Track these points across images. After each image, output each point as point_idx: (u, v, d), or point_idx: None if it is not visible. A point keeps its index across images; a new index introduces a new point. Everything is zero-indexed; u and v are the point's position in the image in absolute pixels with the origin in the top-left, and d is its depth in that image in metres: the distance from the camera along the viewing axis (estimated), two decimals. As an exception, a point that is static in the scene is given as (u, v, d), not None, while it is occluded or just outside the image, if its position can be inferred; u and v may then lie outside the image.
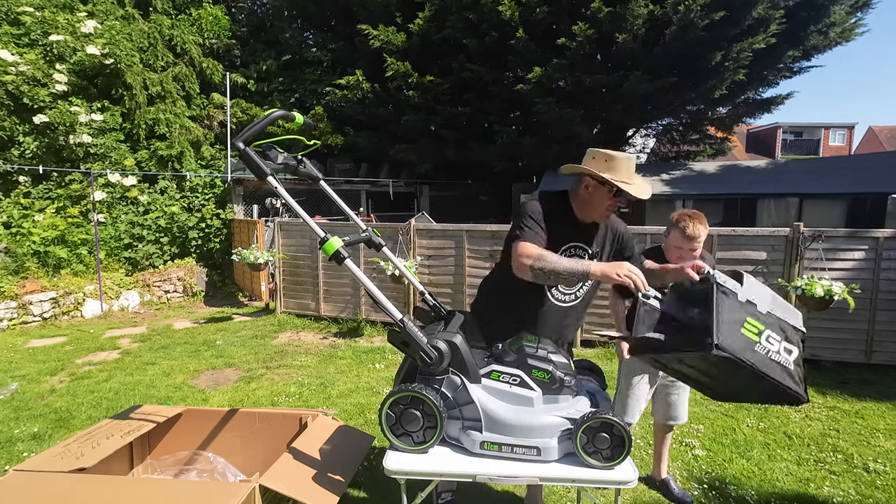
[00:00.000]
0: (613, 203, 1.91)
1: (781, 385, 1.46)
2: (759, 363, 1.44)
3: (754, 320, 1.49)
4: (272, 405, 3.79)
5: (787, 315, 1.55)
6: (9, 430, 3.36)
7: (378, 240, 1.95)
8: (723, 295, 1.51)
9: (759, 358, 1.45)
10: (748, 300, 1.52)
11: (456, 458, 1.59)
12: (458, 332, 1.68)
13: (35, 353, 5.21)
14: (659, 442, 2.70)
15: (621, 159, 1.87)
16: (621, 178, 1.86)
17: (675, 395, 2.57)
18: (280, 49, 12.00)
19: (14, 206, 7.48)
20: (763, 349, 1.46)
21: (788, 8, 8.70)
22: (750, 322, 1.48)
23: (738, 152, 24.45)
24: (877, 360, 4.55)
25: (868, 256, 4.51)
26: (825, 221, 8.46)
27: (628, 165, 1.87)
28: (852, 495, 2.64)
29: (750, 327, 1.48)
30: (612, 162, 1.86)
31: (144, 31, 9.44)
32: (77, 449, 1.94)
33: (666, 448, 2.69)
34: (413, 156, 11.29)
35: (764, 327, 1.49)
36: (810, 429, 3.43)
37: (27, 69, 7.60)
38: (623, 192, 1.84)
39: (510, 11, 8.70)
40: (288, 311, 6.68)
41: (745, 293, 1.53)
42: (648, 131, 13.51)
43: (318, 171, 2.06)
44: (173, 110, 9.40)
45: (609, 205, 1.92)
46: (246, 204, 9.69)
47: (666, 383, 2.57)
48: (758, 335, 1.47)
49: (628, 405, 2.59)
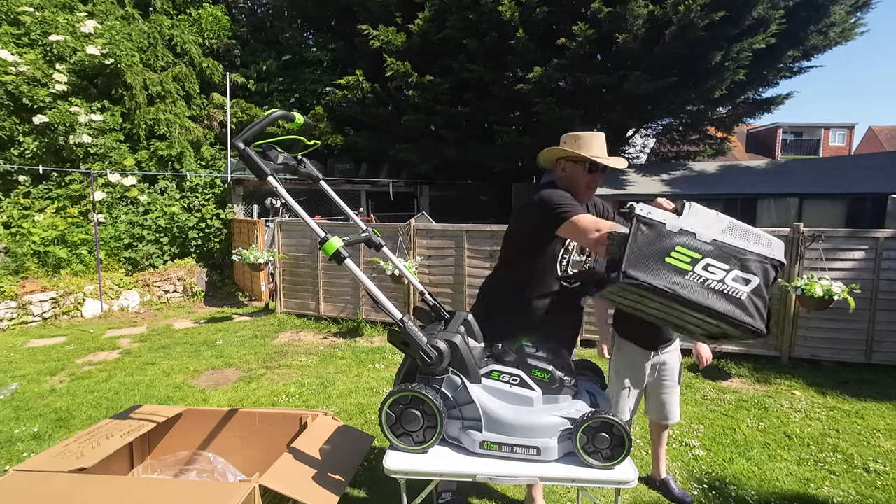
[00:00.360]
0: (591, 179, 1.98)
1: (725, 315, 1.41)
2: (688, 291, 1.40)
3: (686, 249, 1.44)
4: (272, 405, 3.79)
5: (749, 243, 1.46)
6: (9, 430, 3.36)
7: (378, 240, 1.95)
8: (643, 226, 1.47)
9: (689, 286, 1.41)
10: (682, 229, 1.46)
11: (456, 458, 1.59)
12: (457, 332, 1.68)
13: (35, 353, 5.22)
14: (655, 441, 2.70)
15: (588, 136, 1.96)
16: (592, 153, 1.95)
17: (665, 394, 2.56)
18: (280, 49, 12.01)
19: (14, 206, 7.48)
20: (697, 277, 1.42)
21: (788, 8, 8.69)
22: (680, 250, 1.43)
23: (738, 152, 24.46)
24: (877, 360, 4.55)
25: (868, 256, 4.51)
26: (825, 221, 8.47)
27: (598, 141, 1.96)
28: (852, 495, 2.64)
29: (679, 256, 1.43)
30: (580, 140, 1.96)
31: (144, 31, 9.45)
32: (77, 449, 1.94)
33: (662, 448, 2.69)
34: (413, 156, 11.29)
35: (701, 256, 1.43)
36: (810, 429, 3.43)
37: (27, 69, 7.60)
38: (598, 166, 1.93)
39: (510, 11, 8.70)
40: (288, 311, 6.68)
41: (681, 223, 1.47)
42: (648, 131, 13.51)
43: (318, 171, 2.06)
44: (173, 110, 9.40)
45: (587, 181, 1.98)
46: (246, 204, 9.69)
47: (656, 382, 2.56)
48: (690, 263, 1.42)
49: (617, 404, 2.59)
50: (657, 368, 2.53)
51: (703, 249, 1.44)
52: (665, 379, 2.54)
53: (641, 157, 16.04)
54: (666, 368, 2.53)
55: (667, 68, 8.76)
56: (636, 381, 2.53)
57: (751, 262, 1.45)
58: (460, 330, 1.73)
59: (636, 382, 2.53)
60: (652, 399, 2.61)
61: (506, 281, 2.10)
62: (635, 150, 15.48)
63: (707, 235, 1.46)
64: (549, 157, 2.06)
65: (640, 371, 2.52)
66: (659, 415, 2.60)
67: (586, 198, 2.04)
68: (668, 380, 2.54)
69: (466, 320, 1.87)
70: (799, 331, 4.71)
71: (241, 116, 10.44)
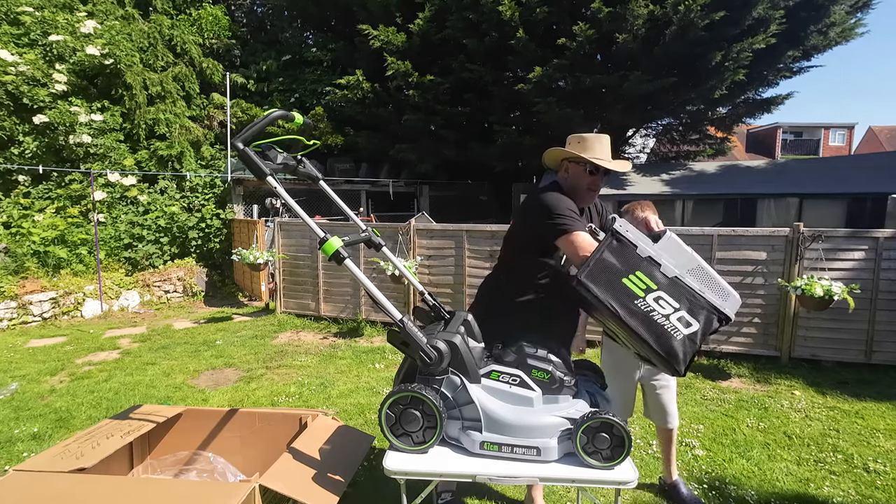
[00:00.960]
0: (592, 181, 1.99)
1: (651, 346, 1.45)
2: (629, 316, 1.44)
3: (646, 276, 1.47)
4: (272, 405, 3.79)
5: (708, 291, 1.48)
6: (9, 430, 3.36)
7: (378, 240, 1.95)
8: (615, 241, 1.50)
9: (634, 312, 1.45)
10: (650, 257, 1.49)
11: (456, 458, 1.59)
12: (457, 333, 1.68)
13: (35, 353, 5.22)
14: (663, 445, 2.63)
15: (592, 138, 1.98)
16: (595, 155, 1.96)
17: (660, 394, 2.51)
18: (280, 49, 12.01)
19: (14, 206, 7.48)
20: (645, 305, 1.45)
21: (788, 8, 8.69)
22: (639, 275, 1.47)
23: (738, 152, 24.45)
24: (877, 360, 4.55)
25: (868, 256, 4.51)
26: (825, 221, 8.46)
27: (601, 143, 1.98)
28: (852, 495, 2.64)
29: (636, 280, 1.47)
30: (584, 143, 1.99)
31: (144, 31, 9.44)
32: (77, 449, 1.94)
33: (671, 451, 2.61)
34: (413, 156, 11.29)
35: (656, 287, 1.46)
36: (810, 429, 3.43)
37: (27, 69, 7.60)
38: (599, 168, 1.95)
39: (510, 12, 8.70)
40: (288, 311, 6.68)
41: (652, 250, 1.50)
42: (648, 131, 13.51)
43: (317, 171, 2.06)
44: (173, 110, 9.40)
45: (589, 183, 2.00)
46: (246, 204, 9.69)
47: (649, 382, 2.52)
48: (644, 291, 1.46)
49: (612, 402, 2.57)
50: (647, 367, 2.46)
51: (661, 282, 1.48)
52: (657, 378, 2.50)
53: (641, 157, 16.04)
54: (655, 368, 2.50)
55: (667, 68, 8.76)
56: (625, 379, 2.51)
57: (699, 308, 1.48)
58: (460, 330, 1.73)
59: (625, 380, 2.51)
60: (649, 402, 2.56)
61: (505, 281, 2.10)
62: (635, 150, 15.47)
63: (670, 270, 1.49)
64: (554, 157, 2.08)
65: (627, 368, 2.49)
66: (658, 418, 2.56)
67: (588, 200, 2.04)
68: (660, 378, 2.50)
69: (466, 320, 1.87)
70: (799, 331, 4.70)
71: (241, 116, 10.44)
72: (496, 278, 2.19)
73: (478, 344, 1.84)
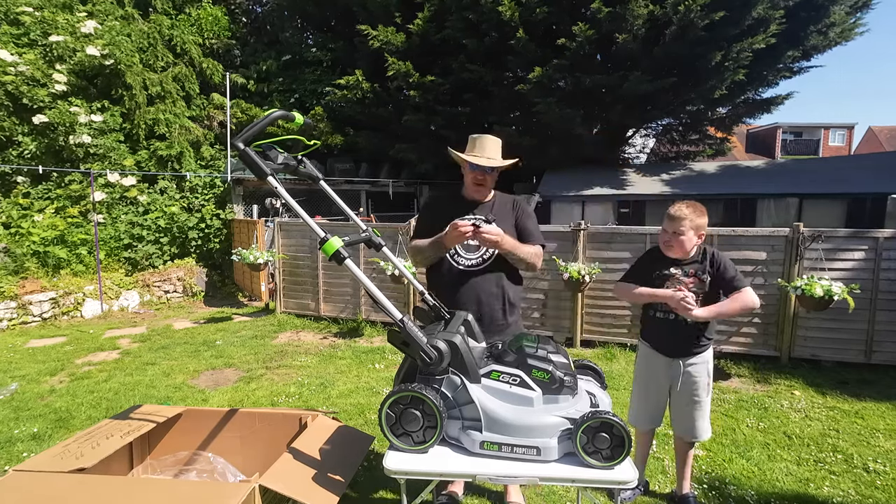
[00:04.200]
0: (472, 176, 2.22)
1: None
2: None
3: None
4: (272, 405, 3.79)
5: None
6: (9, 431, 3.36)
7: (378, 240, 1.95)
8: None
9: None
10: None
11: (456, 458, 1.59)
12: (457, 332, 1.68)
13: (35, 353, 5.21)
14: (680, 458, 2.52)
15: (477, 139, 2.24)
16: (472, 153, 2.21)
17: (693, 409, 2.38)
18: (280, 49, 12.01)
19: (13, 206, 7.48)
20: None
21: (788, 8, 8.70)
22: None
23: (737, 152, 24.45)
24: (877, 360, 4.55)
25: (868, 256, 4.51)
26: (825, 221, 8.47)
27: (481, 143, 2.22)
28: (852, 495, 2.64)
29: None
30: (471, 143, 2.26)
31: (144, 31, 9.44)
32: (77, 449, 1.94)
33: (688, 466, 2.51)
34: (413, 156, 11.29)
35: None
36: (810, 429, 3.43)
37: (27, 69, 7.59)
38: (478, 165, 2.17)
39: (510, 12, 8.70)
40: (288, 311, 6.68)
41: None
42: (648, 131, 13.51)
43: (317, 171, 2.06)
44: (173, 110, 9.40)
45: (471, 178, 2.24)
46: (246, 204, 9.69)
47: (683, 396, 2.37)
48: None
49: (635, 410, 2.50)
50: (683, 381, 2.35)
51: None
52: (692, 394, 2.36)
53: (641, 157, 16.04)
54: (693, 382, 2.35)
55: (667, 68, 8.76)
56: (656, 389, 2.42)
57: None
58: (460, 330, 1.73)
59: (656, 390, 2.42)
60: (679, 414, 2.43)
61: None
62: (635, 150, 15.47)
63: None
64: (452, 155, 2.32)
65: (660, 378, 2.39)
66: (687, 431, 2.42)
67: (475, 193, 2.27)
68: (694, 395, 2.36)
69: (466, 320, 1.87)
70: (799, 331, 4.70)
71: (241, 116, 10.44)
72: None
73: (478, 344, 1.84)
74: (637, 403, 2.52)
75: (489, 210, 2.26)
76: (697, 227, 2.25)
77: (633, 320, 5.15)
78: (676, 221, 2.24)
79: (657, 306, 2.36)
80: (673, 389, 2.40)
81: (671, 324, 2.32)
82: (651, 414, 2.47)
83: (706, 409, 2.40)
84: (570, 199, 10.38)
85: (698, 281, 2.27)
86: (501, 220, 2.21)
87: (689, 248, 2.27)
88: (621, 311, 5.20)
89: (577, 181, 10.70)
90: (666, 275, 2.31)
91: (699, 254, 2.31)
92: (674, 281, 2.30)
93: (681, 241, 2.25)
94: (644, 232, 5.13)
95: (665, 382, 2.41)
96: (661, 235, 2.34)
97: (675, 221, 2.24)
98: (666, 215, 2.29)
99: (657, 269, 2.34)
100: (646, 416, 2.48)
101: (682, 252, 2.28)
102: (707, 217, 2.30)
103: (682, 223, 2.23)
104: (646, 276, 2.38)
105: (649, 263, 2.40)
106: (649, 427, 2.52)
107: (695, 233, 2.26)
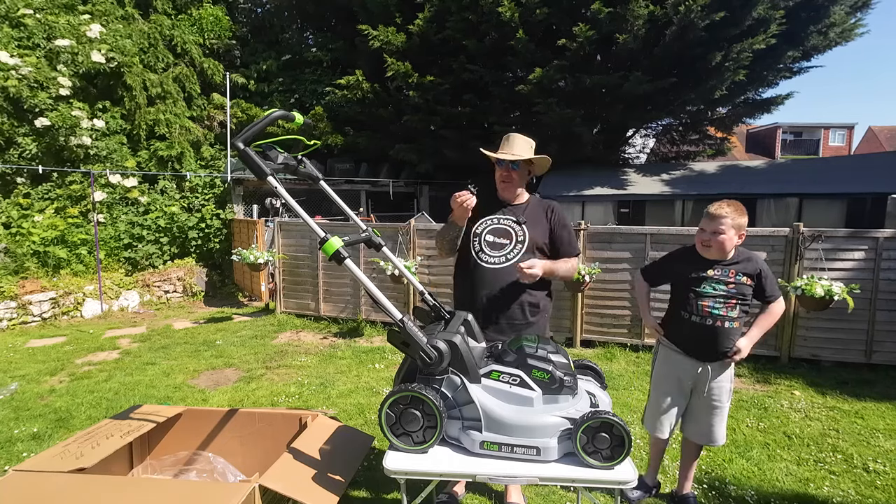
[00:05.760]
0: (498, 172, 2.29)
1: None
2: None
3: None
4: (272, 405, 3.79)
5: None
6: (8, 430, 3.36)
7: (378, 240, 1.95)
8: None
9: None
10: None
11: (456, 458, 1.59)
12: (457, 332, 1.68)
13: (35, 353, 5.21)
14: (687, 459, 2.48)
15: (506, 136, 2.30)
16: (501, 150, 2.27)
17: (713, 415, 2.31)
18: (280, 49, 12.01)
19: (13, 206, 7.47)
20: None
21: (788, 8, 8.70)
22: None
23: (737, 152, 24.45)
24: (877, 360, 4.55)
25: (868, 256, 4.51)
26: (825, 221, 8.47)
27: (510, 141, 2.28)
28: (852, 495, 2.64)
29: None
30: (502, 141, 2.31)
31: (144, 32, 9.44)
32: (77, 449, 1.94)
33: (692, 468, 2.49)
34: (413, 156, 11.29)
35: None
36: (810, 429, 3.43)
37: (28, 72, 7.57)
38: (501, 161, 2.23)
39: (510, 12, 8.70)
40: (288, 311, 6.68)
41: None
42: (648, 131, 13.51)
43: (317, 172, 2.06)
44: (173, 111, 9.40)
45: (497, 174, 2.30)
46: (246, 204, 9.69)
47: (704, 401, 2.30)
48: None
49: (656, 417, 2.38)
50: (706, 385, 2.27)
51: None
52: (714, 399, 2.29)
53: (641, 157, 16.03)
54: (719, 386, 2.28)
55: (667, 68, 8.76)
56: (678, 392, 2.33)
57: None
58: (460, 330, 1.73)
59: (678, 393, 2.33)
60: (696, 418, 2.35)
61: None
62: (635, 150, 15.46)
63: None
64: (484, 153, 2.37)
65: (684, 382, 2.31)
66: (703, 436, 2.35)
67: (503, 190, 2.31)
68: (717, 400, 2.29)
69: (466, 320, 1.87)
70: (799, 331, 4.71)
71: (241, 117, 10.44)
72: None
73: (478, 344, 1.85)
74: (657, 409, 2.39)
75: (521, 212, 2.25)
76: (738, 227, 2.14)
77: (633, 320, 5.15)
78: (716, 220, 2.12)
79: (690, 308, 2.23)
80: (695, 393, 2.32)
81: (707, 329, 2.20)
82: (666, 417, 2.38)
83: (725, 414, 2.34)
84: (570, 199, 10.38)
85: (738, 285, 2.18)
86: (533, 224, 2.21)
87: (728, 248, 2.15)
88: (621, 311, 5.20)
89: (577, 181, 10.70)
90: (703, 277, 2.19)
91: (739, 256, 2.20)
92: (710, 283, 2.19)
93: (720, 242, 2.13)
94: (644, 232, 5.13)
95: (689, 386, 2.32)
96: (698, 235, 2.21)
97: (715, 220, 2.13)
98: (705, 213, 2.19)
99: (693, 271, 2.22)
100: (667, 423, 2.38)
101: (720, 253, 2.17)
102: (747, 217, 2.20)
103: (723, 222, 2.11)
104: (672, 276, 2.32)
105: (682, 264, 2.28)
106: (669, 434, 2.41)
107: (735, 232, 2.13)
